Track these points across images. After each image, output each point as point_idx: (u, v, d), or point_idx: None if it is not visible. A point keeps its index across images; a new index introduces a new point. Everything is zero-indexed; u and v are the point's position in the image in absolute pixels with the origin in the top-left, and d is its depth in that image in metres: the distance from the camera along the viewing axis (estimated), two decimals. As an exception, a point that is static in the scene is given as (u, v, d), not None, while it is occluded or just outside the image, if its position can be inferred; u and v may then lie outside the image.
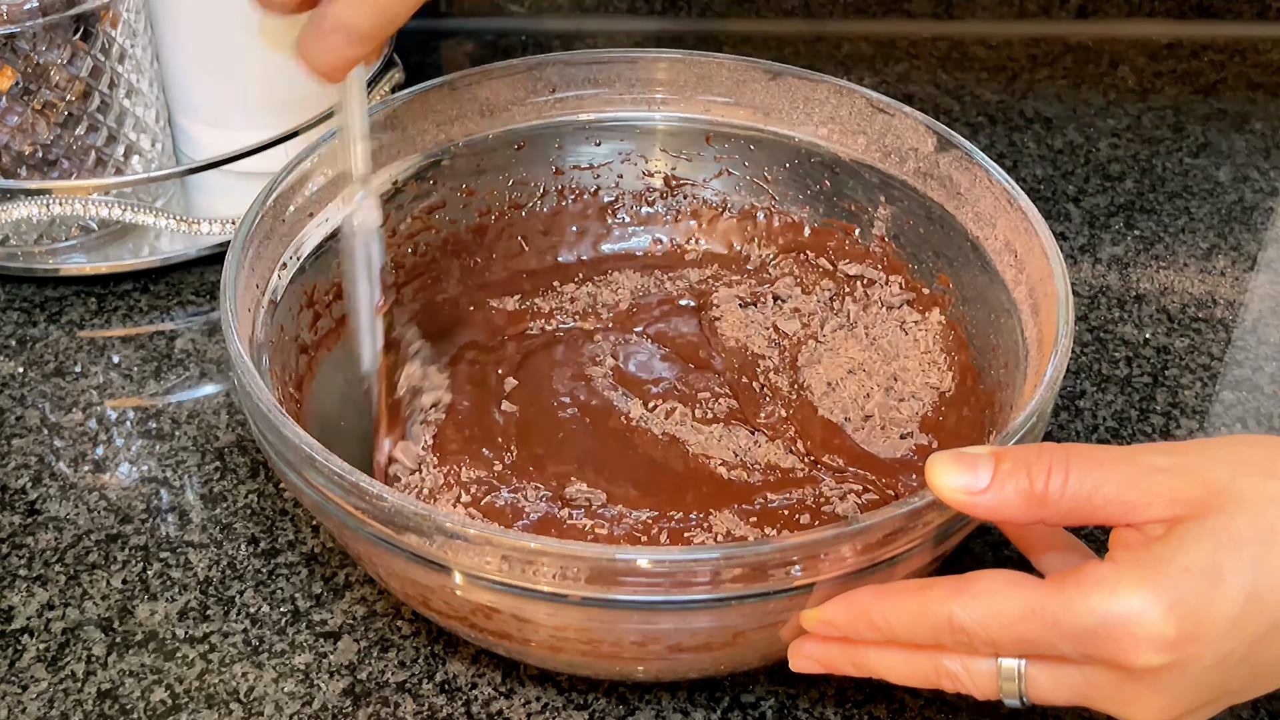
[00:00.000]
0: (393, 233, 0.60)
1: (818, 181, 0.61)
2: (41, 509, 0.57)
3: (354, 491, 0.43)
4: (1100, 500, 0.39)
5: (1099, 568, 0.38)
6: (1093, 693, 0.40)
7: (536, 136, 0.62)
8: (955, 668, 0.41)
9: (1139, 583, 0.38)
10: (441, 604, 0.45)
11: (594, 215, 0.65)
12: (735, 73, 0.61)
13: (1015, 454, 0.40)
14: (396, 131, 0.59)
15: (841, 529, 0.41)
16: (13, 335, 0.66)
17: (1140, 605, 0.37)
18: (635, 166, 0.64)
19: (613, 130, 0.63)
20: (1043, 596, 0.39)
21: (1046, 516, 0.40)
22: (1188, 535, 0.38)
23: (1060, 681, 0.40)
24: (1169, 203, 0.75)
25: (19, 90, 0.65)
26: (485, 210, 0.63)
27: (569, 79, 0.62)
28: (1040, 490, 0.39)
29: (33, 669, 0.51)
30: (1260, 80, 0.86)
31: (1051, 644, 0.39)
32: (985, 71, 0.86)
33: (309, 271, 0.56)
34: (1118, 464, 0.40)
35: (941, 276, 0.57)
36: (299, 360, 0.55)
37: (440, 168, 0.61)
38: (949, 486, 0.40)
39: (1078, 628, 0.38)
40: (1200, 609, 0.37)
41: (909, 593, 0.41)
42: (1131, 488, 0.39)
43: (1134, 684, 0.39)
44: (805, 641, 0.44)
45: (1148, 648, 0.37)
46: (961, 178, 0.56)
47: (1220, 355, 0.66)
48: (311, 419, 0.54)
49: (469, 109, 0.60)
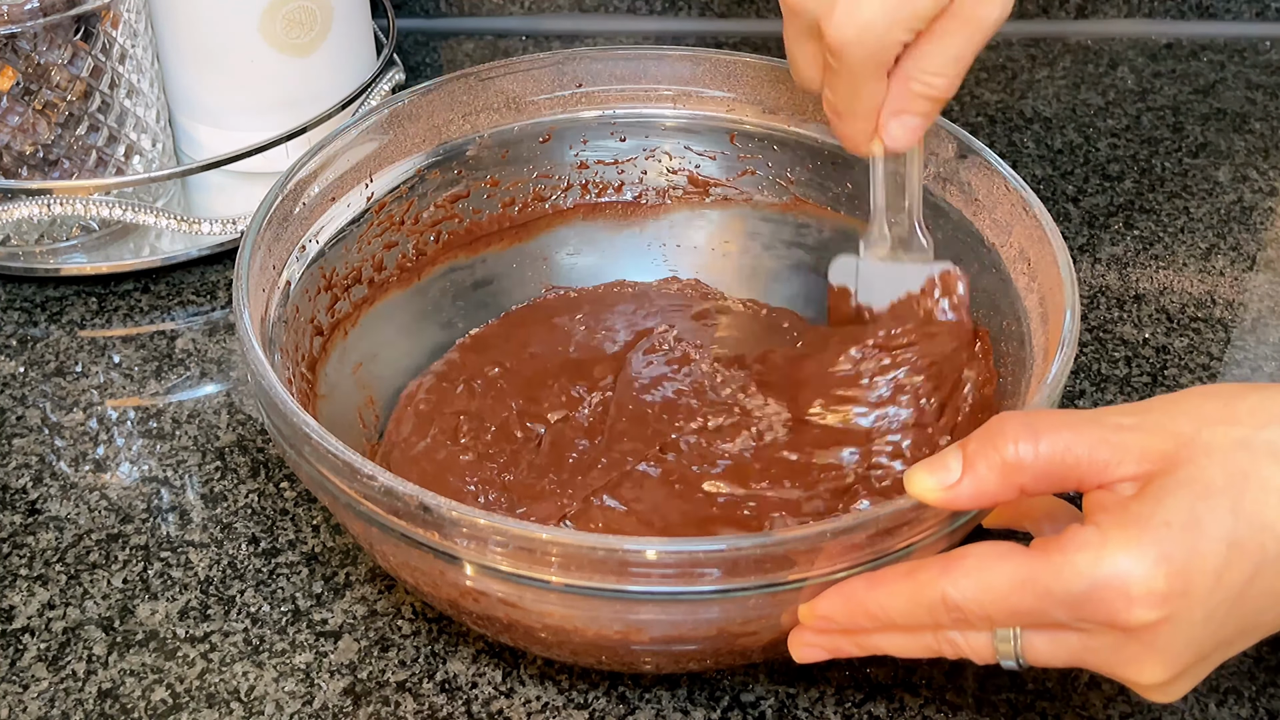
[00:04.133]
0: (416, 219, 0.60)
1: (839, 183, 0.61)
2: (42, 509, 0.57)
3: (347, 473, 0.43)
4: (1072, 460, 0.40)
5: (1081, 531, 0.39)
6: (1090, 656, 0.40)
7: (562, 130, 0.63)
8: (954, 635, 0.41)
9: (1123, 542, 0.38)
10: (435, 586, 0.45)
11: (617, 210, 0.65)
12: (760, 72, 0.61)
13: (978, 435, 0.41)
14: (421, 120, 0.59)
15: (841, 524, 0.41)
16: (13, 335, 0.66)
17: (1127, 564, 0.38)
18: (659, 163, 0.64)
19: (637, 126, 0.63)
20: (1031, 567, 0.39)
21: (1025, 484, 0.40)
22: (1163, 490, 0.38)
23: (1057, 645, 0.40)
24: (1168, 203, 0.75)
25: (20, 90, 0.65)
26: (509, 201, 0.63)
27: (595, 74, 0.62)
28: (1012, 458, 0.40)
29: (33, 668, 0.51)
30: (1260, 80, 0.86)
31: (1045, 612, 0.39)
32: (985, 71, 0.86)
33: (329, 255, 0.56)
34: (1084, 425, 0.40)
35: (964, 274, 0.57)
36: (313, 342, 0.55)
37: (465, 157, 0.61)
38: (926, 489, 0.41)
39: (1068, 594, 0.38)
40: (1186, 561, 0.38)
41: (900, 577, 0.41)
42: (1101, 445, 0.39)
43: (1131, 644, 0.39)
44: (805, 630, 0.44)
45: (1139, 605, 0.38)
46: (980, 184, 0.56)
47: (1219, 355, 0.66)
48: (323, 401, 0.54)
49: (496, 100, 0.61)
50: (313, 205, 0.55)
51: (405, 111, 0.58)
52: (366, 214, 0.58)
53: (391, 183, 0.59)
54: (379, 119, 0.58)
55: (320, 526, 0.57)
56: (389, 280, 0.60)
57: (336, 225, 0.57)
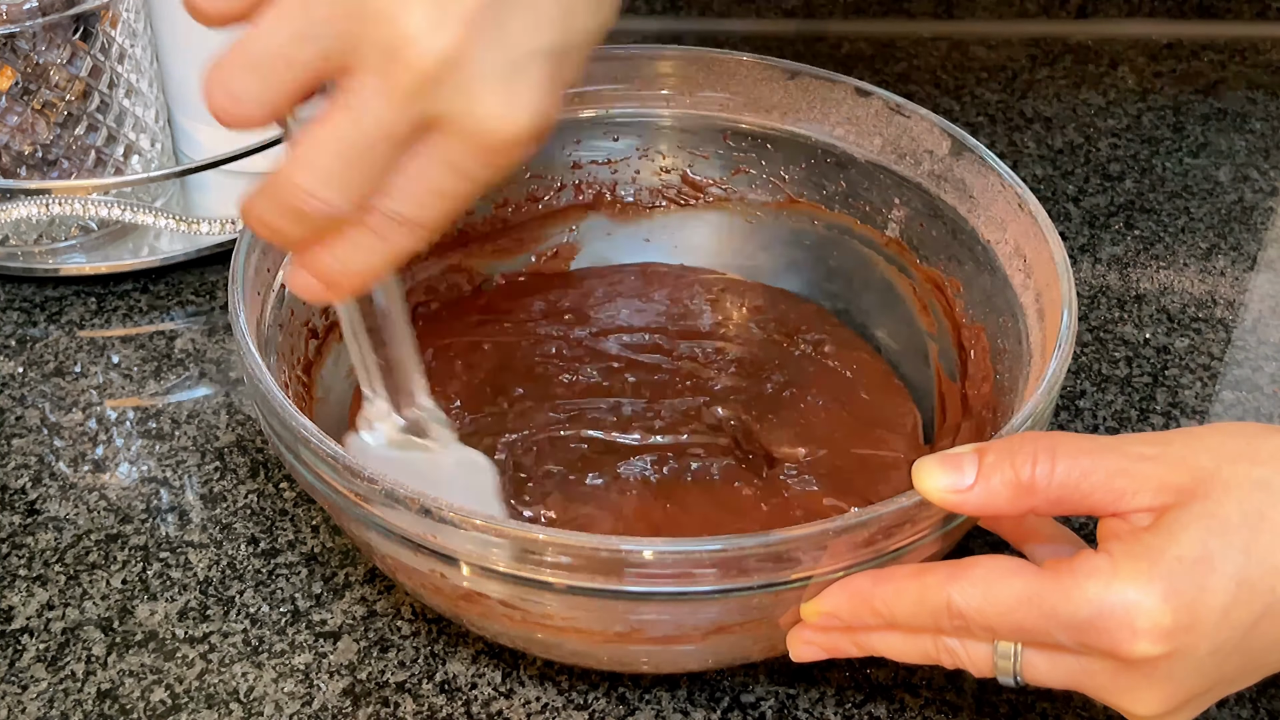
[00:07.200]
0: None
1: (833, 182, 0.61)
2: (41, 509, 0.57)
3: (345, 475, 0.43)
4: (1089, 487, 0.39)
5: (1093, 558, 0.39)
6: (1089, 680, 0.40)
7: (555, 130, 0.62)
8: (954, 644, 0.41)
9: (1133, 573, 0.38)
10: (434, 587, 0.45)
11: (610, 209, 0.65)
12: (754, 71, 0.61)
13: (998, 446, 0.40)
14: None
15: (842, 522, 0.41)
16: (13, 335, 0.66)
17: (1136, 596, 0.38)
18: (652, 163, 0.64)
19: (630, 126, 0.63)
20: (1039, 585, 0.39)
21: (1036, 505, 0.40)
22: (1176, 524, 0.38)
23: (1056, 666, 0.40)
24: (1169, 203, 0.75)
25: (19, 90, 0.65)
26: (502, 203, 0.63)
27: (589, 73, 0.62)
28: (1027, 479, 0.40)
29: (33, 669, 0.51)
30: (1260, 80, 0.86)
31: (1048, 632, 0.39)
32: (985, 71, 0.86)
33: None
34: (1105, 452, 0.40)
35: (952, 280, 0.57)
36: (309, 345, 0.55)
37: None
38: (936, 488, 0.41)
39: (1074, 618, 0.38)
40: (1195, 599, 0.38)
41: (908, 577, 0.41)
42: (1119, 475, 0.39)
43: (1130, 674, 0.39)
44: (805, 628, 0.44)
45: (1144, 638, 0.38)
46: (975, 181, 0.56)
47: (1220, 355, 0.66)
48: (319, 403, 0.54)
49: None
50: None
51: None
52: (361, 215, 0.58)
53: (385, 184, 0.59)
54: None
55: (319, 527, 0.56)
56: None
57: None
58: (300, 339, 0.54)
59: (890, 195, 0.59)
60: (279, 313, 0.53)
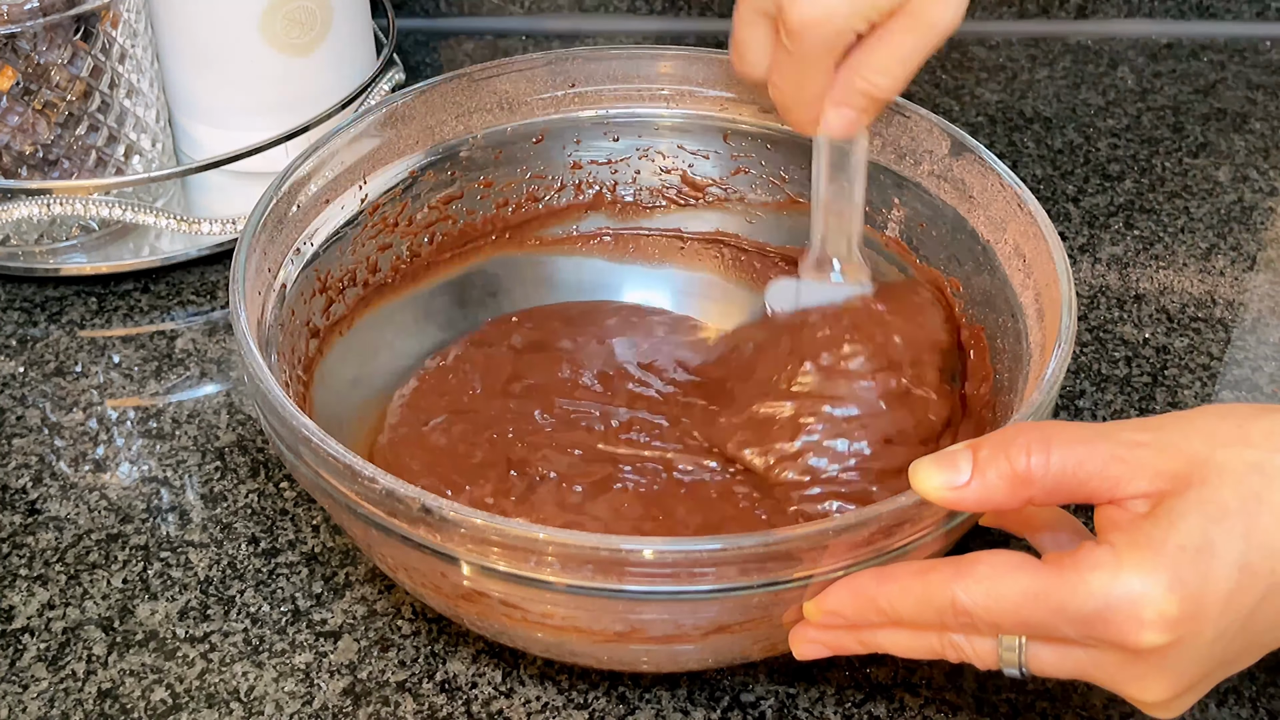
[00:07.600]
0: (410, 221, 0.60)
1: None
2: (42, 509, 0.57)
3: (346, 475, 0.43)
4: (1084, 475, 0.40)
5: (1096, 550, 0.39)
6: (1095, 671, 0.40)
7: (555, 130, 0.63)
8: (959, 639, 0.41)
9: (1137, 565, 0.38)
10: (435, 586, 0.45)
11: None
12: None
13: (991, 441, 0.41)
14: (415, 122, 0.59)
15: (842, 522, 0.41)
16: (13, 335, 0.66)
17: (1141, 587, 0.38)
18: (653, 162, 0.64)
19: (630, 125, 0.63)
20: (1044, 581, 0.39)
21: (1033, 496, 0.40)
22: (1175, 512, 0.38)
23: (1062, 658, 0.40)
24: (1168, 203, 0.75)
25: (19, 90, 0.65)
26: (503, 203, 0.63)
27: (589, 74, 0.62)
28: (1023, 470, 0.40)
29: (33, 668, 0.51)
30: (1260, 80, 0.86)
31: (1054, 626, 0.39)
32: (985, 71, 0.86)
33: (324, 257, 0.56)
34: (1098, 440, 0.40)
35: (952, 279, 0.57)
36: (308, 344, 0.55)
37: (459, 158, 0.61)
38: (932, 486, 0.41)
39: (1080, 612, 0.38)
40: (1199, 587, 0.38)
41: (911, 576, 0.41)
42: (1114, 462, 0.39)
43: (1137, 664, 0.39)
44: (809, 626, 0.44)
45: (1151, 629, 0.38)
46: (974, 181, 0.56)
47: (1220, 355, 0.66)
48: (318, 402, 0.54)
49: (489, 101, 0.61)
50: (307, 208, 0.55)
51: (399, 113, 0.58)
52: (360, 216, 0.58)
53: (385, 184, 0.59)
54: (372, 121, 0.57)
55: (320, 527, 0.57)
56: (384, 282, 0.60)
57: (331, 227, 0.56)
58: (301, 338, 0.55)
59: (890, 195, 0.59)
60: (279, 312, 0.53)
